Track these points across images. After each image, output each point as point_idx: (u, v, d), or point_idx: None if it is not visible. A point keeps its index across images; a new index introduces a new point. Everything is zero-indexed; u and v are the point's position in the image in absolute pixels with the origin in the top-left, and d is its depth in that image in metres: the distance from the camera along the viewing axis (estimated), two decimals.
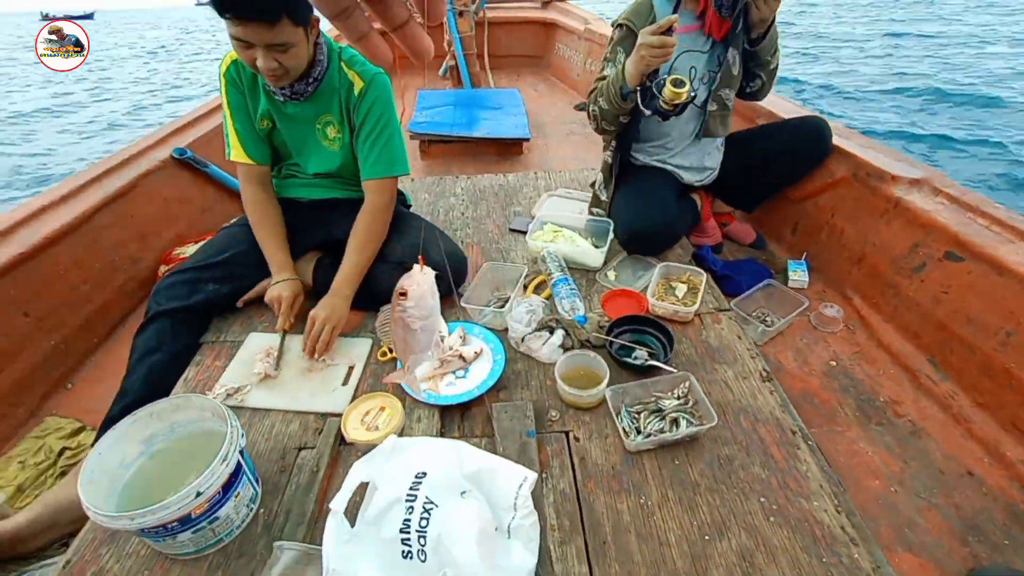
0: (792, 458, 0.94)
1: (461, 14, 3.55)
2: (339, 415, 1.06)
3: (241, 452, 0.85)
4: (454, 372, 1.16)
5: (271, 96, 1.23)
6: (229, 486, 0.83)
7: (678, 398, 1.05)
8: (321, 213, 1.44)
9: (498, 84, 3.89)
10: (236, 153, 1.29)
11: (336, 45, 1.26)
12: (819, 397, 1.26)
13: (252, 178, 1.33)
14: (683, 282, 1.40)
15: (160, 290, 1.26)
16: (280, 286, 1.26)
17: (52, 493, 1.00)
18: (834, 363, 1.35)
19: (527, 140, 2.63)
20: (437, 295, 0.88)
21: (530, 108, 3.21)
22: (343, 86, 1.25)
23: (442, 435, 1.04)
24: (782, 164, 1.62)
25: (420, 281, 0.83)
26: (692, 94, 1.26)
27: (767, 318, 1.47)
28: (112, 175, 1.79)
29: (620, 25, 1.45)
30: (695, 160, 1.61)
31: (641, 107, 1.36)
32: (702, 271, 1.40)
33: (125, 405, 1.12)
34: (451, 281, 1.09)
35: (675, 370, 1.09)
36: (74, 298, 1.50)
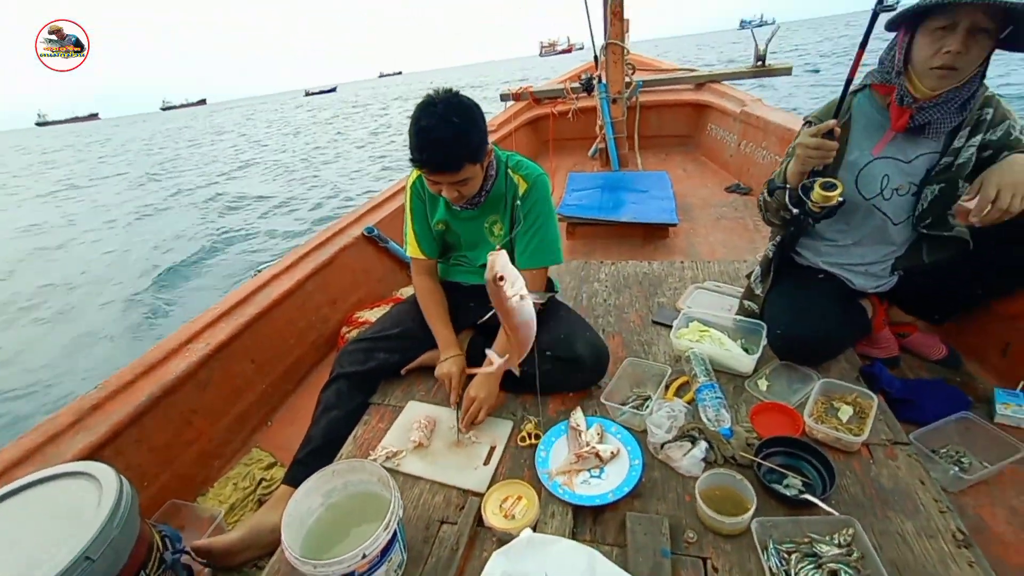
0: None
1: (615, 101, 3.77)
2: (479, 494, 1.15)
3: (398, 521, 0.96)
4: (589, 471, 1.18)
5: (449, 205, 1.45)
6: (386, 551, 0.94)
7: (839, 546, 0.93)
8: (480, 297, 1.61)
9: (646, 164, 3.98)
10: (412, 250, 1.54)
11: (503, 154, 1.46)
12: None
13: (423, 270, 1.56)
14: (848, 403, 1.26)
15: (344, 354, 1.50)
16: (449, 363, 1.41)
17: (254, 519, 1.23)
18: None
19: (674, 225, 2.63)
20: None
21: (678, 189, 3.23)
22: (510, 190, 1.42)
23: (574, 535, 1.05)
24: (994, 272, 1.34)
25: (504, 262, 0.94)
26: (841, 200, 1.21)
27: (963, 460, 1.24)
28: (320, 249, 2.22)
29: (808, 122, 1.41)
30: (875, 268, 1.45)
31: (788, 205, 1.33)
32: (872, 394, 1.25)
33: (309, 451, 1.34)
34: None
35: (835, 511, 0.98)
36: (282, 350, 1.86)
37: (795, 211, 1.32)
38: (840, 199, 1.22)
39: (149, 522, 1.05)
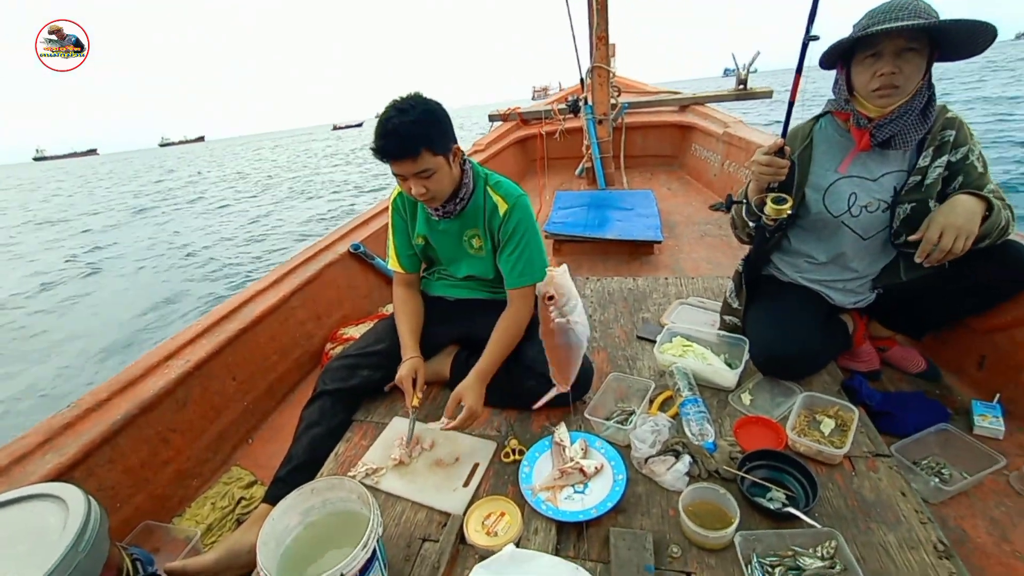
0: None
1: (601, 122, 3.84)
2: (458, 515, 1.13)
3: (378, 540, 0.94)
4: (573, 486, 1.17)
5: (428, 218, 1.48)
6: (365, 570, 0.91)
7: (822, 558, 0.93)
8: (463, 311, 1.61)
9: (632, 183, 4.04)
10: (393, 263, 1.59)
11: (482, 171, 1.48)
12: None
13: (402, 282, 1.61)
14: (830, 416, 1.27)
15: (327, 371, 1.49)
16: (407, 364, 1.40)
17: (232, 539, 1.19)
18: None
19: (659, 242, 2.66)
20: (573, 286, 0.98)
21: (663, 207, 3.27)
22: (488, 206, 1.44)
23: (558, 551, 1.03)
24: (966, 291, 1.38)
25: (560, 281, 0.95)
26: (791, 211, 1.29)
27: (943, 471, 1.25)
28: (306, 265, 2.21)
29: None
30: (852, 284, 1.48)
31: (745, 218, 1.45)
32: (853, 407, 1.26)
33: (290, 468, 1.32)
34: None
35: (817, 524, 0.97)
36: (265, 367, 1.83)
37: (752, 224, 1.41)
38: (790, 211, 1.29)
39: (120, 545, 1.02)
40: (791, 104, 1.33)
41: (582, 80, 3.89)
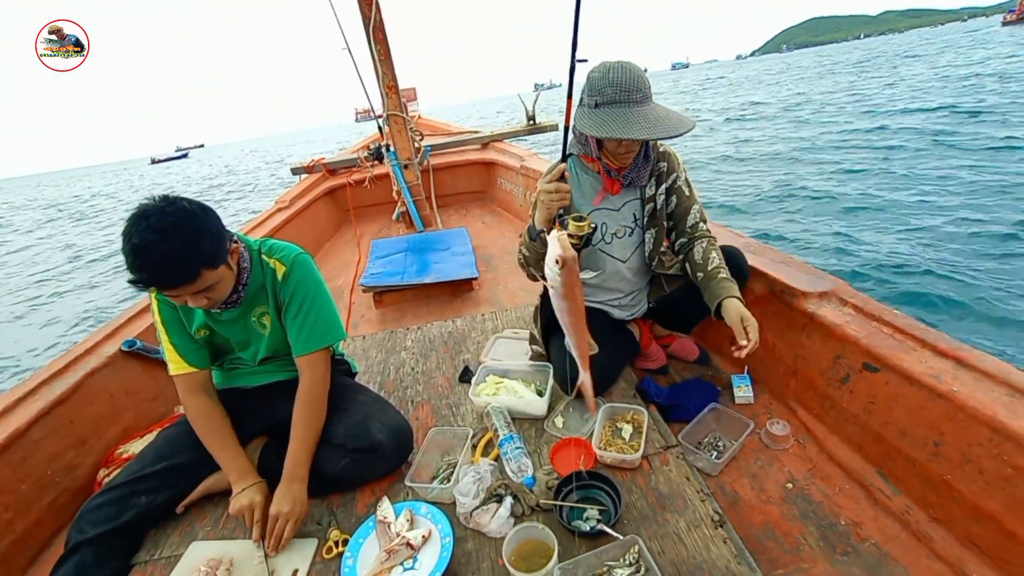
0: None
1: (406, 167, 3.89)
2: None
3: None
4: (403, 564, 1.10)
5: (207, 310, 1.28)
6: None
7: (630, 565, 1.01)
8: (267, 397, 1.45)
9: (447, 221, 4.15)
10: (176, 367, 1.31)
11: (255, 242, 1.34)
12: (780, 529, 1.22)
13: (195, 387, 1.33)
14: (628, 421, 1.41)
15: (84, 513, 1.20)
16: (248, 492, 1.22)
17: None
18: (791, 485, 1.34)
19: (476, 279, 2.75)
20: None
21: (478, 242, 3.41)
22: (268, 276, 1.32)
23: None
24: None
25: (565, 244, 1.03)
26: (593, 226, 1.37)
27: (719, 443, 1.47)
28: (53, 381, 1.76)
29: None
30: (624, 300, 1.69)
31: (540, 249, 1.47)
32: (644, 408, 1.42)
33: None
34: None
35: (620, 535, 1.06)
36: None
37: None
38: (592, 226, 1.35)
39: None
40: (567, 128, 1.43)
41: (380, 128, 3.90)
